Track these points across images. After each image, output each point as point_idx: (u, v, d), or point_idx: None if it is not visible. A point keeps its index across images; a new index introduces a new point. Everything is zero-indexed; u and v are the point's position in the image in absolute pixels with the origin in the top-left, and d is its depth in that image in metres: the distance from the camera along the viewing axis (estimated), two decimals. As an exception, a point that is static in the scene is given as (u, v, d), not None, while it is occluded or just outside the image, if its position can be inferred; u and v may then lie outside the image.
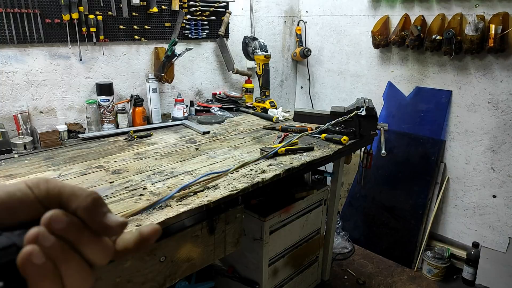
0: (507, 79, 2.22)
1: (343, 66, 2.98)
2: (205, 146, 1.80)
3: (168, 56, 2.10)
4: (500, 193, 2.37)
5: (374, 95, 2.81)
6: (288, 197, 1.96)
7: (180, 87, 2.44)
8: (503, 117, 2.27)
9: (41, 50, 1.82)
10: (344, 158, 2.14)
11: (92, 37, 1.94)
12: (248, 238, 1.86)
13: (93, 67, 2.02)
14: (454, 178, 2.55)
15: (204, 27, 2.44)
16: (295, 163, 1.57)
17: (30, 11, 1.72)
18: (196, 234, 1.24)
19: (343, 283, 2.45)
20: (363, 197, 2.84)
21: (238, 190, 1.30)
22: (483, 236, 2.48)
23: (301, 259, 2.14)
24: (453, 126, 2.49)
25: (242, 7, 2.71)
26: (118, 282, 1.05)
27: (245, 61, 2.76)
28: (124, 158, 1.61)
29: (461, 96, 2.42)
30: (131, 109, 2.12)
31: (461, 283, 2.47)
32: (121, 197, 1.22)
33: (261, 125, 2.16)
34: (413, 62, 2.59)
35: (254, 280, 1.92)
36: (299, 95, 3.39)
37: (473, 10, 2.24)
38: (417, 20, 2.42)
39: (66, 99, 1.96)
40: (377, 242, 2.74)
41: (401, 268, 2.59)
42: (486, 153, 2.38)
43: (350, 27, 2.87)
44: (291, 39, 3.19)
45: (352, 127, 1.87)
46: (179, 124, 2.18)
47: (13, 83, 1.77)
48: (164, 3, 2.21)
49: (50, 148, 1.74)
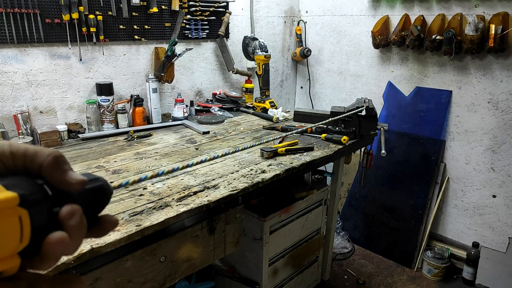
0: (507, 79, 2.22)
1: (343, 66, 2.98)
2: (205, 146, 1.80)
3: (168, 56, 2.10)
4: (500, 193, 2.37)
5: (374, 95, 2.81)
6: (288, 197, 1.96)
7: (180, 87, 2.44)
8: (503, 117, 2.28)
9: (41, 50, 1.82)
10: (344, 158, 2.14)
11: (92, 37, 1.94)
12: (248, 238, 1.86)
13: (93, 67, 2.02)
14: (454, 178, 2.55)
15: (204, 27, 2.44)
16: (295, 163, 1.57)
17: (30, 11, 1.73)
18: (196, 234, 1.24)
19: (343, 283, 2.45)
20: (363, 197, 2.84)
21: (238, 190, 1.30)
22: (483, 236, 2.48)
23: (301, 259, 2.14)
24: (453, 126, 2.49)
25: (242, 7, 2.71)
26: (118, 282, 1.05)
27: (245, 61, 2.76)
28: (124, 158, 1.61)
29: (461, 96, 2.42)
30: (131, 109, 2.12)
31: (461, 283, 2.47)
32: (121, 197, 1.22)
33: (261, 125, 2.16)
34: (413, 62, 2.59)
35: (254, 280, 1.92)
36: (299, 95, 3.39)
37: (473, 10, 2.24)
38: (417, 20, 2.42)
39: (66, 99, 1.96)
40: (377, 242, 2.74)
41: (401, 268, 2.59)
42: (486, 153, 2.38)
43: (350, 27, 2.87)
44: (291, 39, 3.19)
45: (352, 127, 1.87)
46: (179, 124, 2.18)
47: (13, 83, 1.77)
48: (164, 3, 2.21)
49: (50, 148, 1.74)
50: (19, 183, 0.29)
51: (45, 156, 0.31)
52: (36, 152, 0.31)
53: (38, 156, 0.31)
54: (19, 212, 0.27)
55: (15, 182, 0.29)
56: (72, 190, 0.32)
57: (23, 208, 0.27)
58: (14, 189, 0.28)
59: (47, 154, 0.31)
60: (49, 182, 0.31)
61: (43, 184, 0.30)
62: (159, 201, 1.20)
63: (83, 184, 0.32)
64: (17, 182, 0.29)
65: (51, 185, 0.31)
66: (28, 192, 0.29)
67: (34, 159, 0.31)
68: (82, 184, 0.32)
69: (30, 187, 0.29)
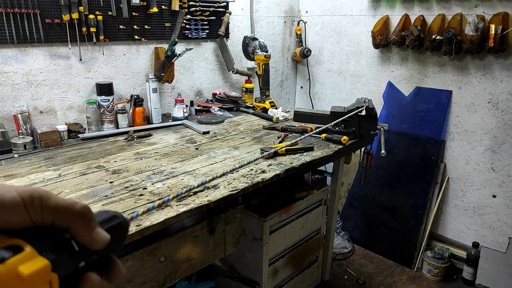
0: (507, 79, 2.22)
1: (343, 66, 2.98)
2: (205, 146, 1.80)
3: (168, 56, 2.10)
4: (500, 193, 2.37)
5: (374, 95, 2.81)
6: (288, 197, 1.96)
7: (180, 87, 2.44)
8: (503, 117, 2.28)
9: (41, 50, 1.82)
10: (344, 158, 2.14)
11: (92, 37, 1.94)
12: (248, 238, 1.86)
13: (93, 67, 2.02)
14: (454, 178, 2.55)
15: (204, 27, 2.44)
16: (295, 163, 1.57)
17: (30, 11, 1.72)
18: (196, 234, 1.24)
19: (343, 283, 2.45)
20: (363, 197, 2.84)
21: (238, 190, 1.30)
22: (483, 236, 2.48)
23: (301, 259, 2.14)
24: (453, 126, 2.49)
25: (242, 7, 2.71)
26: (118, 282, 1.04)
27: (245, 61, 2.76)
28: (124, 158, 1.61)
29: (461, 96, 2.42)
30: (131, 109, 2.12)
31: (461, 283, 2.47)
32: (121, 197, 1.22)
33: (261, 125, 2.16)
34: (413, 62, 2.59)
35: (254, 280, 1.92)
36: (299, 95, 3.39)
37: (473, 10, 2.24)
38: (417, 20, 2.42)
39: (66, 99, 1.96)
40: (377, 242, 2.74)
41: (401, 268, 2.59)
42: (486, 153, 2.38)
43: (350, 27, 2.87)
44: (291, 39, 3.19)
45: (352, 127, 1.87)
46: (179, 124, 2.18)
47: (13, 83, 1.77)
48: (164, 3, 2.21)
49: (50, 148, 1.74)
50: (50, 244, 0.30)
51: (75, 214, 0.32)
52: (66, 209, 0.31)
53: (68, 214, 0.32)
54: (50, 277, 0.28)
55: (46, 243, 0.29)
56: (97, 248, 0.33)
57: (54, 272, 0.28)
58: (46, 254, 0.28)
59: (77, 212, 0.32)
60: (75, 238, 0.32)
61: (70, 239, 0.31)
62: (159, 201, 1.19)
63: (107, 242, 0.33)
64: (48, 244, 0.29)
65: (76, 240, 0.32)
66: (59, 257, 0.29)
67: (64, 216, 0.31)
68: (106, 243, 0.33)
69: (59, 247, 0.30)
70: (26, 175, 1.42)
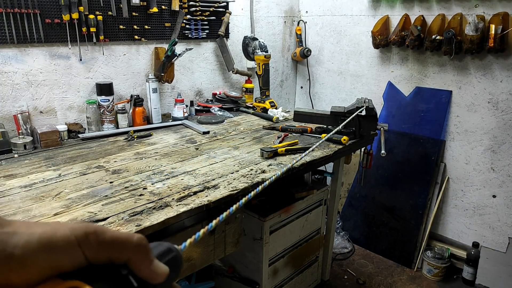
0: (507, 79, 2.22)
1: (343, 66, 2.98)
2: (205, 146, 1.80)
3: (168, 56, 2.10)
4: (500, 193, 2.37)
5: (374, 95, 2.81)
6: (288, 197, 1.96)
7: (180, 87, 2.44)
8: (503, 117, 2.28)
9: (41, 50, 1.82)
10: (344, 158, 2.14)
11: (92, 37, 1.94)
12: (248, 238, 1.86)
13: (93, 67, 2.02)
14: (454, 178, 2.55)
15: (204, 27, 2.44)
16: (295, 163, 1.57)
17: (30, 11, 1.73)
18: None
19: (343, 283, 2.45)
20: (363, 197, 2.84)
21: (238, 190, 1.30)
22: (483, 236, 2.48)
23: (301, 259, 2.14)
24: (453, 126, 2.49)
25: (242, 7, 2.71)
26: None
27: (245, 61, 2.76)
28: (124, 158, 1.61)
29: (461, 96, 2.42)
30: (131, 109, 2.12)
31: (461, 283, 2.47)
32: (121, 197, 1.22)
33: (261, 125, 2.16)
34: (413, 62, 2.59)
35: (254, 280, 1.92)
36: (299, 95, 3.39)
37: (473, 10, 2.24)
38: (417, 20, 2.42)
39: (66, 99, 1.96)
40: (377, 242, 2.74)
41: (401, 268, 2.59)
42: (486, 153, 2.38)
43: (350, 27, 2.87)
44: (291, 39, 3.19)
45: (352, 127, 1.87)
46: (179, 124, 2.18)
47: (13, 83, 1.77)
48: (164, 3, 2.21)
49: (50, 148, 1.74)
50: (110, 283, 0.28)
51: (134, 247, 0.30)
52: (123, 243, 0.29)
53: (126, 248, 0.30)
54: None
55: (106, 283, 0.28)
56: (158, 281, 0.31)
57: None
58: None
59: (136, 244, 0.30)
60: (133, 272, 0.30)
61: (128, 275, 0.29)
62: (159, 201, 1.20)
63: (167, 275, 0.32)
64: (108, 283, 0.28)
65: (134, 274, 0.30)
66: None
67: (122, 251, 0.29)
68: (167, 275, 0.32)
69: (120, 285, 0.28)
70: (26, 175, 1.42)
